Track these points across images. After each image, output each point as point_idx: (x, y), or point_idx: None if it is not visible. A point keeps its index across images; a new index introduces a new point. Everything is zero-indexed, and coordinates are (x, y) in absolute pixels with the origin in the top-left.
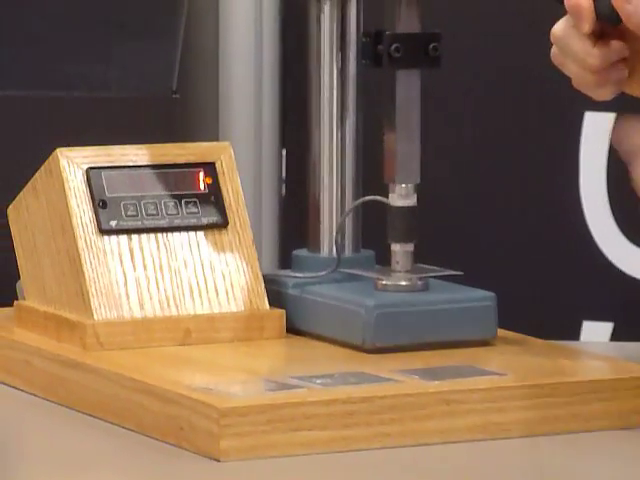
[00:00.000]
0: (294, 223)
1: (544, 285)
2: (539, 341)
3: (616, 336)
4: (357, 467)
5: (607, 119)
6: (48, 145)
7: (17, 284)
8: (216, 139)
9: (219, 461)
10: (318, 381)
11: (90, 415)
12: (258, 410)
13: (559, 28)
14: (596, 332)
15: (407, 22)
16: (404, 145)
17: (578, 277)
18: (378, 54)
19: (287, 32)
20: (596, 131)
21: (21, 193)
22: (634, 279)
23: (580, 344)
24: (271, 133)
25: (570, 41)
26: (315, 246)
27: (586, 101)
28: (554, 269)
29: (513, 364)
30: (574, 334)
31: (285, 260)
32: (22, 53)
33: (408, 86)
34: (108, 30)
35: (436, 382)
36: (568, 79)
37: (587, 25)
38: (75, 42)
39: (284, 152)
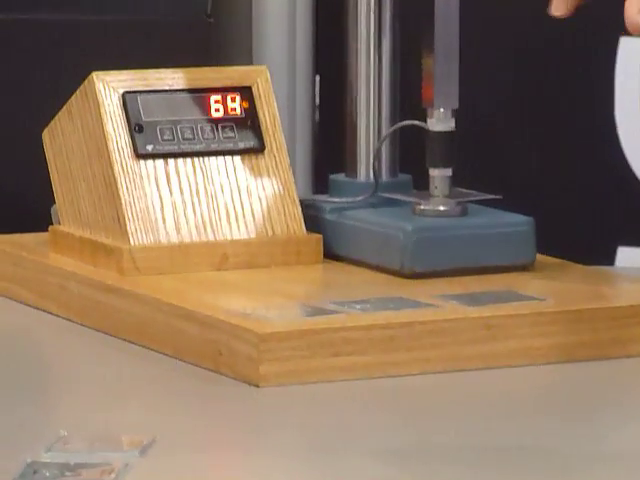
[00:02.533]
0: (327, 149)
1: (579, 210)
2: (577, 266)
3: None
4: (397, 392)
5: None
6: (82, 69)
7: (51, 209)
8: (249, 64)
9: (258, 386)
10: (357, 306)
11: (127, 340)
12: (297, 335)
13: None
14: (631, 257)
15: None
16: (443, 67)
17: (613, 202)
18: None
19: None
20: (631, 56)
21: (56, 117)
22: None
23: (617, 269)
24: (304, 58)
25: None
26: (352, 171)
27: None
28: (588, 194)
29: (552, 289)
30: (609, 259)
31: (318, 185)
32: None
33: (447, 6)
34: None
35: (476, 307)
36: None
37: None
38: None
39: (317, 78)
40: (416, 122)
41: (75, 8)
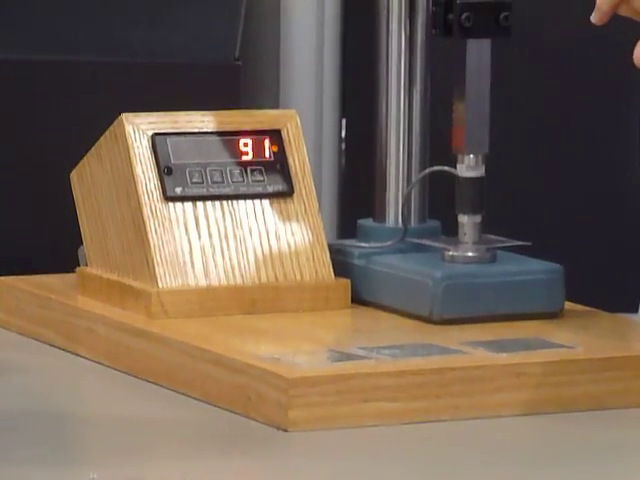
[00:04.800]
0: (352, 193)
1: (604, 259)
2: (605, 314)
3: None
4: (426, 439)
5: None
6: (110, 111)
7: (79, 250)
8: (277, 107)
9: (287, 431)
10: (386, 352)
11: (155, 384)
12: (327, 380)
13: None
14: None
15: None
16: (473, 115)
17: (638, 250)
18: (448, 23)
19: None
20: None
21: (84, 158)
22: None
23: (635, 317)
24: (331, 102)
25: None
26: (381, 216)
27: None
28: (614, 244)
29: (581, 337)
30: (633, 307)
31: (343, 230)
32: (87, 19)
33: (479, 56)
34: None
35: (505, 354)
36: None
37: None
38: (139, 9)
39: (344, 122)
40: (446, 168)
41: (106, 51)
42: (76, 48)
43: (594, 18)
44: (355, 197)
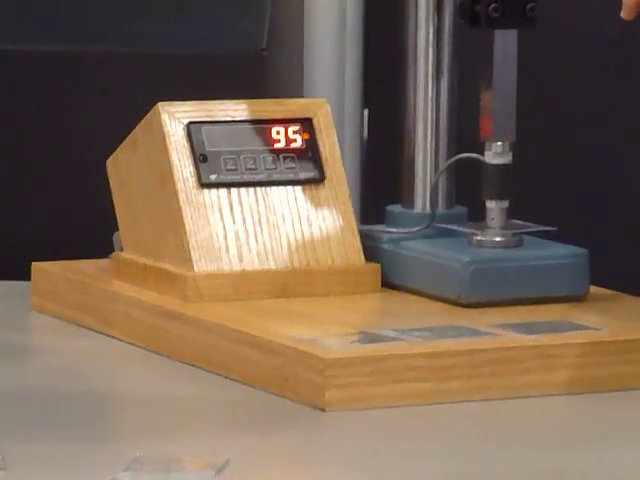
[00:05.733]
0: (375, 180)
1: (628, 243)
2: (629, 297)
3: None
4: (457, 419)
5: None
6: (143, 100)
7: (114, 236)
8: (301, 96)
9: (324, 411)
10: (416, 334)
11: (192, 365)
12: (362, 362)
13: None
14: None
15: None
16: (500, 104)
17: None
18: (476, 14)
19: None
20: None
21: (120, 147)
22: None
23: None
24: (354, 92)
25: None
26: (409, 202)
27: None
28: (632, 228)
29: (607, 319)
30: None
31: (364, 216)
32: (115, 11)
33: (505, 46)
34: None
35: (534, 336)
36: None
37: None
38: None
39: (366, 112)
40: (474, 155)
41: (133, 41)
42: (105, 39)
43: (623, 13)
44: (378, 184)
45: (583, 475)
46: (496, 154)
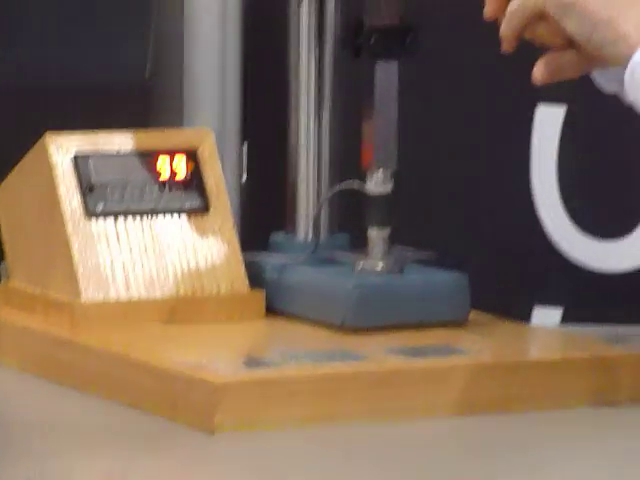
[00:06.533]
0: (256, 208)
1: (498, 270)
2: (508, 321)
3: (566, 320)
4: (344, 441)
5: (558, 112)
6: (29, 130)
7: (0, 265)
8: (181, 125)
9: (213, 434)
10: (303, 358)
11: (82, 392)
12: (251, 385)
13: None
14: (546, 316)
15: (386, 15)
16: (382, 133)
17: (530, 264)
18: (357, 46)
19: (251, 23)
20: (547, 123)
21: (9, 176)
22: (583, 266)
23: (536, 325)
24: (234, 122)
25: None
26: (292, 230)
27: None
28: (507, 255)
29: (487, 343)
30: (526, 318)
31: (249, 244)
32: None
33: (386, 76)
34: (82, 20)
35: (418, 359)
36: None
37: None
38: (51, 30)
39: (246, 143)
40: (355, 185)
41: (18, 72)
42: None
43: (503, 47)
44: (260, 212)
45: None
46: (377, 183)
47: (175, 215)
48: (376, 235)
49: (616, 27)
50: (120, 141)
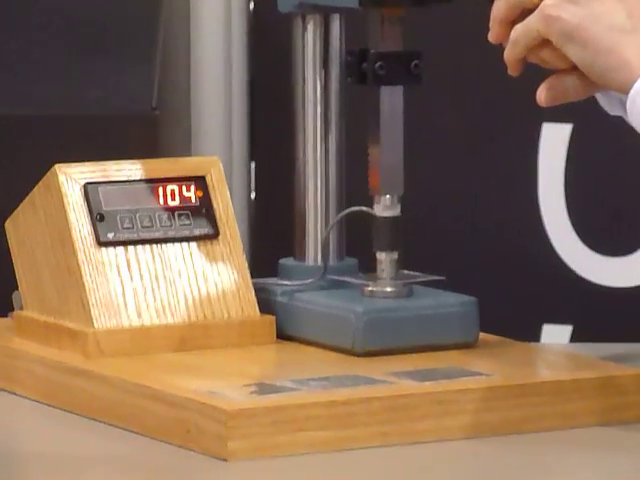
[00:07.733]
0: (265, 234)
1: (507, 290)
2: (518, 343)
3: (575, 338)
4: (357, 465)
5: (564, 129)
6: (37, 162)
7: (14, 295)
8: (189, 154)
9: (226, 461)
10: (314, 383)
11: (95, 420)
12: (263, 412)
13: None
14: (555, 334)
15: (390, 41)
16: (388, 158)
17: (539, 283)
18: (363, 72)
19: (256, 50)
20: (554, 142)
21: (19, 207)
22: (591, 283)
23: (545, 345)
24: (240, 148)
25: None
26: (301, 255)
27: (544, 113)
28: (515, 275)
29: (497, 365)
30: (535, 336)
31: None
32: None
33: (392, 102)
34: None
35: (428, 383)
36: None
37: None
38: (57, 62)
39: (253, 165)
40: (364, 208)
41: (24, 104)
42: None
43: (509, 71)
44: (268, 238)
45: None
46: (385, 207)
47: (185, 242)
48: (385, 259)
49: (618, 54)
50: (129, 170)
